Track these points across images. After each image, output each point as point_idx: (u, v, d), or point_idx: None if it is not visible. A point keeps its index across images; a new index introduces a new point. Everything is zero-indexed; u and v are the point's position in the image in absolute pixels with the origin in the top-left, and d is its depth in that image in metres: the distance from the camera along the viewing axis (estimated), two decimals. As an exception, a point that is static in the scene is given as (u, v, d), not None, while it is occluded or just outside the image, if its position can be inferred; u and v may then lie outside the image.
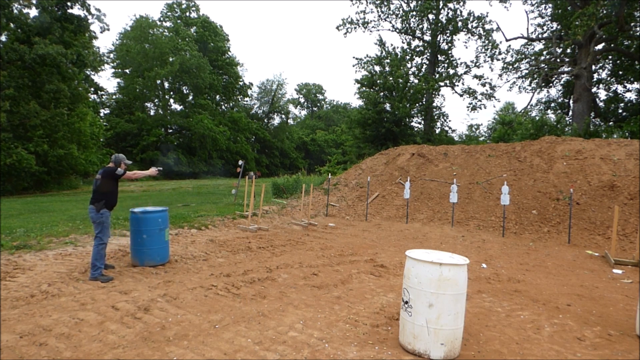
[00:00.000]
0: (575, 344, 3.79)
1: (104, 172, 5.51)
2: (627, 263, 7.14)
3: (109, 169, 5.54)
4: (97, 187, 5.45)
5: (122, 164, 5.69)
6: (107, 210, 5.46)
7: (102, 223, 5.35)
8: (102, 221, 5.34)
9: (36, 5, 20.90)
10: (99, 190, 5.42)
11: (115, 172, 5.51)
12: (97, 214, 5.34)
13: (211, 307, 4.36)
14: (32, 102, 20.02)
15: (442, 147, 16.13)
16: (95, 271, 5.23)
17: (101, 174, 5.48)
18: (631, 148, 11.76)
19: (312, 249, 7.68)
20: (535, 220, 10.39)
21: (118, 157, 5.70)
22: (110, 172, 5.49)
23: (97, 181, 5.46)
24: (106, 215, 5.42)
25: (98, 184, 5.44)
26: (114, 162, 5.65)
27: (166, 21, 47.44)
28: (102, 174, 5.48)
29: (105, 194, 5.42)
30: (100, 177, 5.44)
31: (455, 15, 28.23)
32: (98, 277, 5.23)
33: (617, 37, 21.39)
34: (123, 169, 5.69)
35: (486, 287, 5.53)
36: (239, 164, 14.25)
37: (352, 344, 3.61)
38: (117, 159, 5.65)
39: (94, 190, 5.46)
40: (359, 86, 27.33)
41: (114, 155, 5.80)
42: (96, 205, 5.35)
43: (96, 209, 5.34)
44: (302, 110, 73.18)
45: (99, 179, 5.46)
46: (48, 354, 3.25)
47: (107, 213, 5.43)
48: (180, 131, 44.24)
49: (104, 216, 5.38)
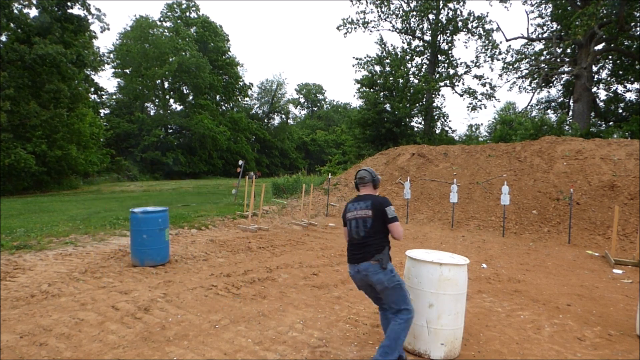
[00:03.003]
0: (575, 344, 3.79)
1: (376, 203, 3.24)
2: (627, 263, 7.14)
3: (382, 200, 3.28)
4: (370, 227, 3.18)
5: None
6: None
7: (400, 285, 3.16)
8: (398, 282, 3.15)
9: (36, 5, 20.89)
10: (376, 234, 3.19)
11: (390, 209, 3.23)
12: (388, 273, 3.13)
13: (211, 307, 4.36)
14: (32, 102, 20.02)
15: (442, 147, 16.13)
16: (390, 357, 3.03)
17: (371, 207, 3.22)
18: (631, 148, 11.76)
19: (312, 249, 7.68)
20: (536, 220, 10.39)
21: (375, 175, 3.44)
22: (386, 204, 3.24)
23: (366, 221, 3.19)
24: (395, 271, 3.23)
25: (370, 225, 3.18)
26: (372, 183, 3.40)
27: (166, 21, 47.43)
28: (373, 207, 3.22)
29: (386, 236, 3.25)
30: (372, 214, 3.20)
31: (455, 15, 28.25)
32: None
33: (617, 37, 21.40)
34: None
35: (486, 287, 5.53)
36: (239, 164, 14.25)
37: (352, 344, 3.61)
38: (376, 179, 3.42)
39: (366, 236, 3.18)
40: (359, 86, 27.33)
41: (369, 172, 3.43)
42: (379, 258, 3.13)
43: (381, 264, 3.12)
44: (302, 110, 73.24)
45: (367, 216, 3.20)
46: (48, 354, 3.25)
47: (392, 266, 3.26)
48: (180, 131, 44.23)
49: (395, 273, 3.18)
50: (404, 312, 3.12)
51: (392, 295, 3.12)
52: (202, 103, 44.71)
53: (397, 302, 3.12)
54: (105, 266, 5.86)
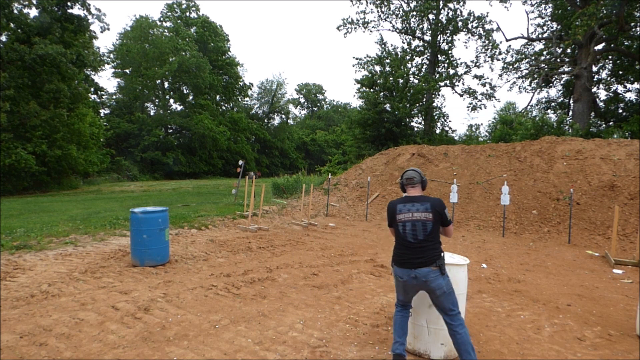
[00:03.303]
0: (575, 344, 3.79)
1: (435, 205, 3.19)
2: (627, 263, 7.14)
3: (440, 202, 3.23)
4: (430, 232, 3.13)
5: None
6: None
7: (453, 288, 3.17)
8: (451, 288, 3.14)
9: (36, 5, 20.90)
10: (435, 238, 3.17)
11: (446, 211, 3.24)
12: (446, 278, 3.12)
13: (211, 307, 4.36)
14: (32, 102, 20.02)
15: (442, 147, 16.13)
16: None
17: (431, 210, 3.16)
18: (631, 148, 11.76)
19: (312, 249, 7.68)
20: (536, 220, 10.39)
21: (423, 175, 3.40)
22: (444, 206, 3.24)
23: (426, 225, 3.13)
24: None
25: (430, 228, 3.13)
26: (421, 184, 3.34)
27: (166, 21, 47.42)
28: (433, 210, 3.16)
29: (440, 239, 3.22)
30: (432, 217, 3.14)
31: (455, 15, 28.26)
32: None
33: (617, 37, 21.41)
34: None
35: (486, 287, 5.53)
36: (239, 164, 14.24)
37: (352, 344, 3.61)
38: (424, 180, 3.39)
39: (425, 240, 3.11)
40: (359, 86, 27.32)
41: (418, 172, 3.35)
42: (440, 264, 3.10)
43: (441, 270, 3.10)
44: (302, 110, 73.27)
45: (427, 219, 3.13)
46: (48, 354, 3.25)
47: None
48: (181, 131, 44.24)
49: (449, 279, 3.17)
50: (459, 314, 3.14)
51: (450, 299, 3.11)
52: (202, 103, 44.72)
53: (454, 304, 3.13)
54: (105, 266, 5.86)
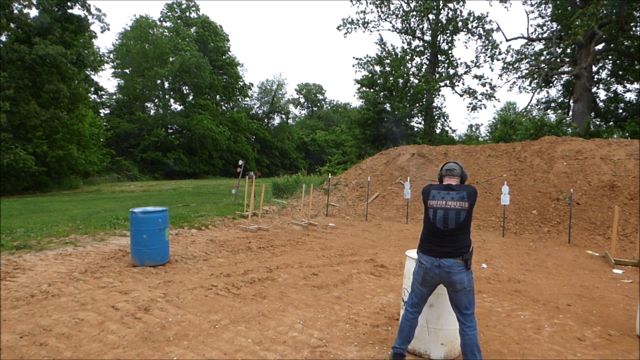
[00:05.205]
0: (575, 344, 3.79)
1: (471, 194, 3.05)
2: (627, 263, 7.14)
3: (475, 191, 3.10)
4: (463, 221, 3.00)
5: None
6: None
7: (473, 287, 3.04)
8: (472, 286, 3.02)
9: (36, 5, 20.90)
10: (466, 229, 3.05)
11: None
12: (470, 274, 2.99)
13: (211, 307, 4.36)
14: (32, 102, 20.02)
15: (442, 147, 16.13)
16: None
17: (467, 199, 3.02)
18: (631, 148, 11.76)
19: (312, 249, 7.68)
20: (536, 220, 10.39)
21: (464, 169, 3.30)
22: (477, 195, 3.12)
23: (460, 214, 3.00)
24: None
25: (464, 218, 3.00)
26: (461, 177, 3.22)
27: (166, 21, 47.46)
28: (469, 199, 3.02)
29: (469, 233, 3.10)
30: (468, 206, 3.02)
31: (455, 15, 28.28)
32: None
33: (617, 37, 21.41)
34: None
35: (486, 287, 5.53)
36: (239, 164, 14.24)
37: (352, 344, 3.61)
38: (464, 174, 3.27)
39: (456, 229, 2.99)
40: (359, 86, 27.33)
41: (459, 165, 3.27)
42: (467, 258, 2.97)
43: (467, 264, 2.96)
44: (302, 110, 73.26)
45: (462, 208, 3.00)
46: (48, 354, 3.25)
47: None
48: (181, 131, 44.24)
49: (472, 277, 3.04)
50: (473, 315, 3.01)
51: (468, 297, 2.98)
52: (202, 103, 44.72)
53: (471, 304, 3.01)
54: (105, 266, 5.86)
